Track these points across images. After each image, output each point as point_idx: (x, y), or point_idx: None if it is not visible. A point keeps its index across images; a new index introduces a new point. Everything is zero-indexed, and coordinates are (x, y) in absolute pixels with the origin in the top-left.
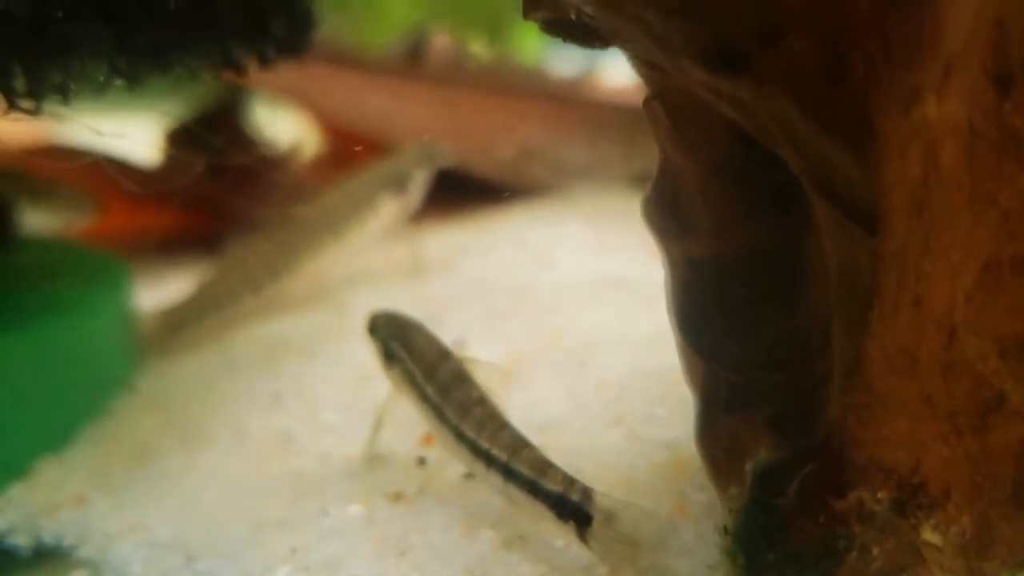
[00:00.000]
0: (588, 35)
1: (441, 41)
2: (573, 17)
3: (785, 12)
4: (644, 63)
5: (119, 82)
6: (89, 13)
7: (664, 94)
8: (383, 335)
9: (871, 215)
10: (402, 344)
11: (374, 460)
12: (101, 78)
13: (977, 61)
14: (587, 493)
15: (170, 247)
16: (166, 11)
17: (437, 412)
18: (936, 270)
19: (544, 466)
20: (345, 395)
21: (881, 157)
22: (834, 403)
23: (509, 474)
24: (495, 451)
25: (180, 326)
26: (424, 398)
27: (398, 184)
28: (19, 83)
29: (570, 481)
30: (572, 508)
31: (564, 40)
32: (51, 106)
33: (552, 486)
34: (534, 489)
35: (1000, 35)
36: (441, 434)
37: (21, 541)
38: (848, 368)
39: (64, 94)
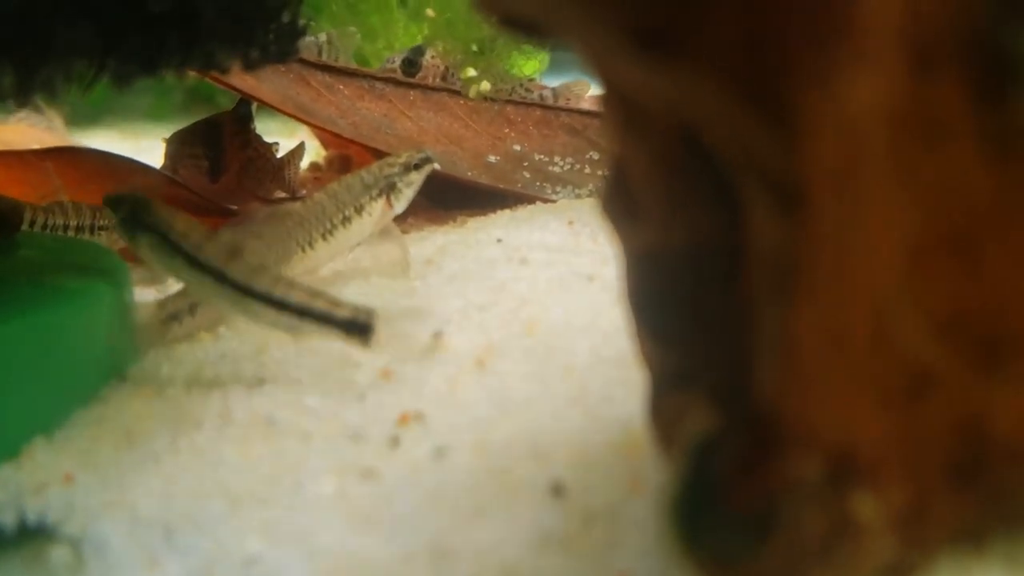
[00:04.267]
0: (536, 28)
1: (434, 59)
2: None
3: None
4: (589, 54)
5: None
6: (76, 14)
7: (611, 85)
8: (127, 210)
9: (796, 193)
10: (154, 217)
11: (350, 439)
12: (89, 77)
13: (895, 42)
14: (369, 313)
15: None
16: (152, 14)
17: (217, 276)
18: (863, 248)
19: (334, 300)
20: (327, 382)
21: (802, 136)
22: (765, 376)
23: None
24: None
25: (173, 318)
26: (196, 264)
27: (388, 187)
28: (7, 81)
29: (355, 307)
30: (358, 327)
31: (520, 35)
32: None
33: (342, 313)
34: (328, 319)
35: (917, 17)
36: (220, 294)
37: (6, 519)
38: (776, 343)
39: (51, 91)
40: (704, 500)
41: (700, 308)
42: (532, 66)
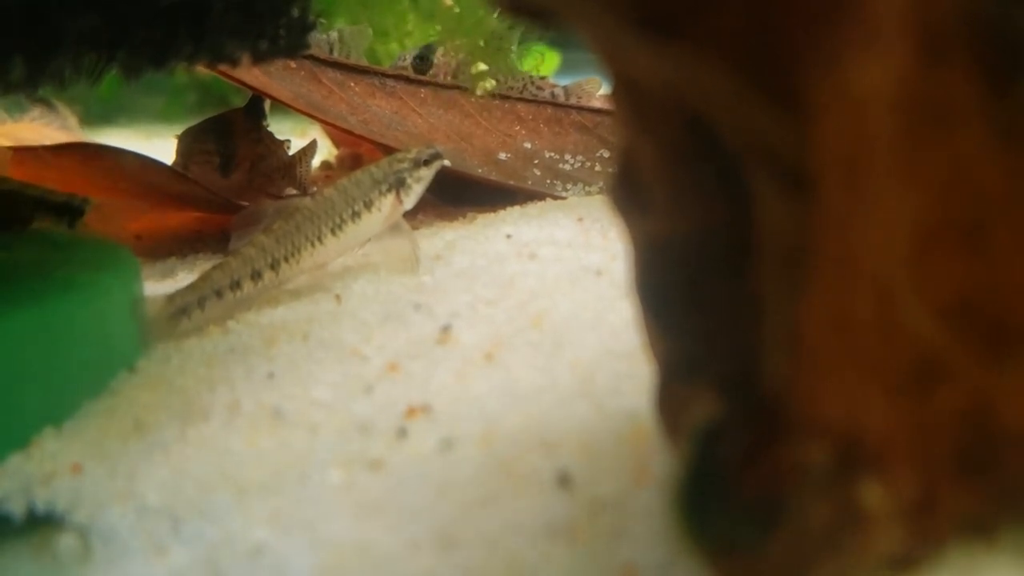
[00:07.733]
0: (544, 14)
1: (444, 57)
2: None
3: None
4: (597, 41)
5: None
6: (85, 6)
7: (621, 73)
8: None
9: (804, 179)
10: None
11: (357, 431)
12: (98, 68)
13: (903, 27)
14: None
15: (183, 246)
16: (161, 7)
17: None
18: (870, 233)
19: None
20: (335, 375)
21: (810, 121)
22: (773, 363)
23: None
24: None
25: (183, 312)
26: None
27: (397, 182)
28: (17, 72)
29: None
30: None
31: (528, 23)
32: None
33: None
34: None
35: (926, 2)
36: None
37: (15, 508)
38: (785, 330)
39: (60, 83)
40: (711, 488)
41: (707, 297)
42: (528, 63)
